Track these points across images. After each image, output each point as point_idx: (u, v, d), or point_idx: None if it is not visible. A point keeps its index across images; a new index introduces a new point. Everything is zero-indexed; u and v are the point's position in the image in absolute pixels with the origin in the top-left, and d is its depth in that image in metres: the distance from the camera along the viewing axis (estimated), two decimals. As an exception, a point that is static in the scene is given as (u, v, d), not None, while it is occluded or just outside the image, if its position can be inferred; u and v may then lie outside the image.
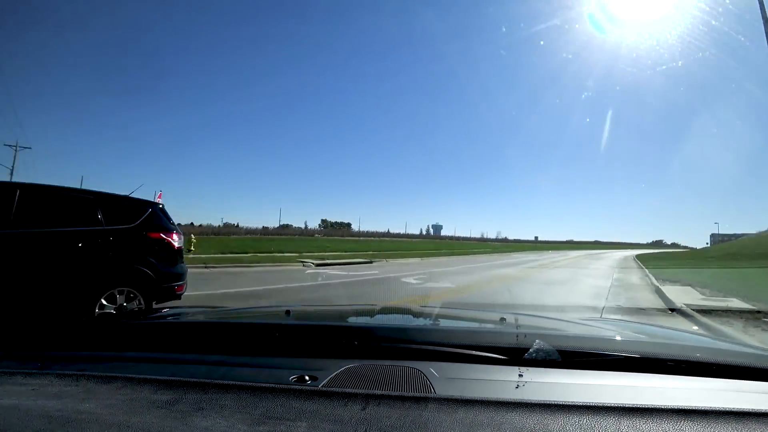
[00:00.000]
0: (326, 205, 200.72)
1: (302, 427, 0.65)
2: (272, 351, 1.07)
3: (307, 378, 0.85)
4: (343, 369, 0.90)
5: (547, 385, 0.86)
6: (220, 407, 0.71)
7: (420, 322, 1.71)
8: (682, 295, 9.28)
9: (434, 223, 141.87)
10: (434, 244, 57.67)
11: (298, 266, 17.51)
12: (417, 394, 0.77)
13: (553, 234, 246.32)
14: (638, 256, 38.57)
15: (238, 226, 47.67)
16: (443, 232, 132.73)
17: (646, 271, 18.38)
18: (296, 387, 0.80)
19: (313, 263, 18.26)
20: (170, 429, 0.65)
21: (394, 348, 1.05)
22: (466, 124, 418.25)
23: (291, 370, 0.90)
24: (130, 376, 0.85)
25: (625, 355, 0.98)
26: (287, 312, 1.57)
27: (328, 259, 20.85)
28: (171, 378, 0.84)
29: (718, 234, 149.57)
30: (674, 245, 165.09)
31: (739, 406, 0.74)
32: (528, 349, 0.96)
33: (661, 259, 29.92)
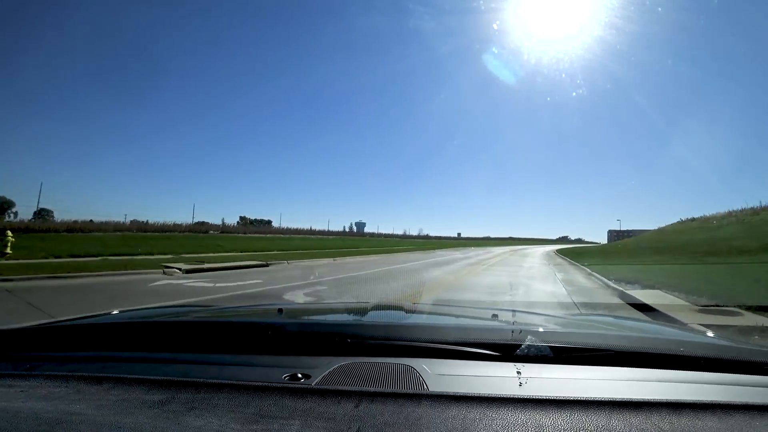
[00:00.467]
0: (248, 202, 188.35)
1: (295, 425, 0.65)
2: (265, 349, 1.06)
3: (300, 376, 0.85)
4: (336, 367, 0.90)
5: (539, 380, 0.86)
6: (213, 406, 0.72)
7: (412, 319, 1.67)
8: (661, 302, 7.66)
9: (357, 221, 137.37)
10: (355, 241, 53.76)
11: (158, 274, 12.59)
12: (410, 391, 0.78)
13: (472, 231, 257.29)
14: (560, 252, 38.32)
15: (147, 222, 40.73)
16: (366, 230, 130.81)
17: (587, 269, 16.14)
18: (289, 385, 0.81)
19: (181, 269, 13.29)
20: (162, 429, 0.65)
21: (387, 345, 1.04)
22: (392, 125, 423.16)
23: (284, 368, 0.90)
24: (121, 376, 0.85)
25: (615, 350, 1.00)
26: (280, 310, 1.59)
27: (212, 262, 15.86)
28: (163, 378, 0.84)
29: (614, 230, 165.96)
30: (579, 240, 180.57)
31: (727, 399, 0.78)
32: (520, 345, 0.97)
33: (584, 254, 29.21)
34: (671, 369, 0.95)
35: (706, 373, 0.94)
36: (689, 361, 0.97)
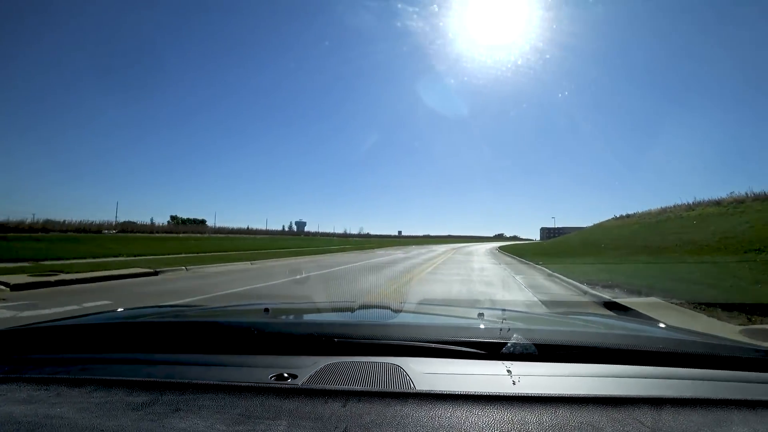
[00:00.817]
0: (182, 201, 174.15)
1: (282, 425, 0.65)
2: (251, 349, 1.04)
3: (286, 376, 0.84)
4: (323, 366, 0.89)
5: (525, 378, 0.86)
6: (198, 408, 0.71)
7: (399, 318, 1.66)
8: (664, 314, 6.07)
9: (297, 220, 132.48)
10: (290, 240, 49.41)
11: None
12: (397, 390, 0.78)
13: (413, 229, 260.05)
14: (503, 250, 37.37)
15: (65, 222, 35.62)
16: (307, 229, 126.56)
17: (545, 269, 14.12)
18: (276, 385, 0.80)
19: (9, 284, 9.26)
20: (146, 431, 0.64)
21: (374, 344, 1.03)
22: (336, 126, 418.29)
23: (270, 368, 0.89)
24: (104, 378, 0.84)
25: (599, 347, 1.02)
26: (266, 310, 1.56)
27: (80, 270, 11.68)
28: (146, 379, 0.83)
29: (546, 228, 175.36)
30: (515, 237, 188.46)
31: (706, 395, 0.79)
32: (506, 343, 0.98)
33: (530, 252, 28.05)
34: (652, 365, 0.96)
35: (684, 369, 0.96)
36: (668, 357, 1.00)
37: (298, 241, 52.30)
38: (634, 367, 0.95)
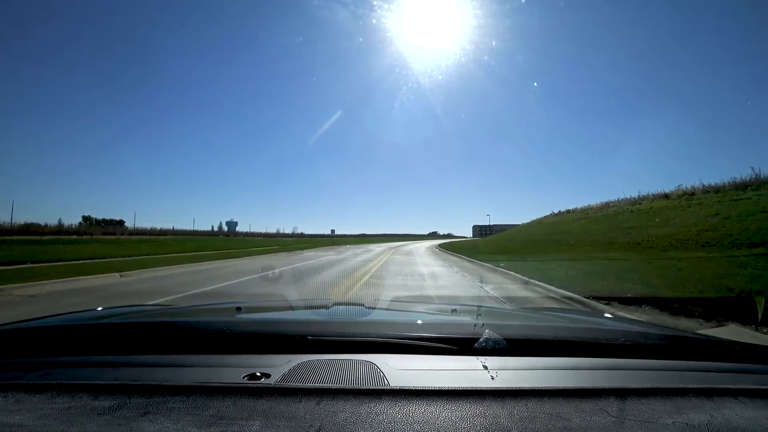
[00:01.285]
0: (101, 200, 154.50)
1: (255, 425, 0.64)
2: (223, 349, 1.02)
3: (259, 375, 0.83)
4: (297, 364, 0.88)
5: (496, 372, 0.87)
6: (168, 410, 0.68)
7: (373, 315, 1.61)
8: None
9: (229, 220, 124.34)
10: (202, 242, 42.88)
11: None
12: (371, 387, 0.78)
13: (347, 228, 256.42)
14: (443, 248, 34.65)
15: None
16: (239, 229, 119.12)
17: (516, 274, 10.94)
18: (249, 385, 0.78)
19: None
20: None
21: (348, 341, 1.02)
22: (268, 124, 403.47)
23: (243, 367, 0.87)
24: (66, 382, 0.80)
25: (564, 340, 1.07)
26: (238, 308, 1.54)
27: None
28: (112, 382, 0.79)
29: (479, 225, 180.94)
30: (449, 235, 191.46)
31: (667, 384, 0.82)
32: (478, 338, 0.99)
33: (475, 251, 25.66)
34: (617, 357, 1.00)
35: (646, 360, 1.01)
36: (631, 349, 1.05)
37: (219, 242, 45.58)
38: (601, 359, 1.00)
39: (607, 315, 2.22)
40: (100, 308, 1.77)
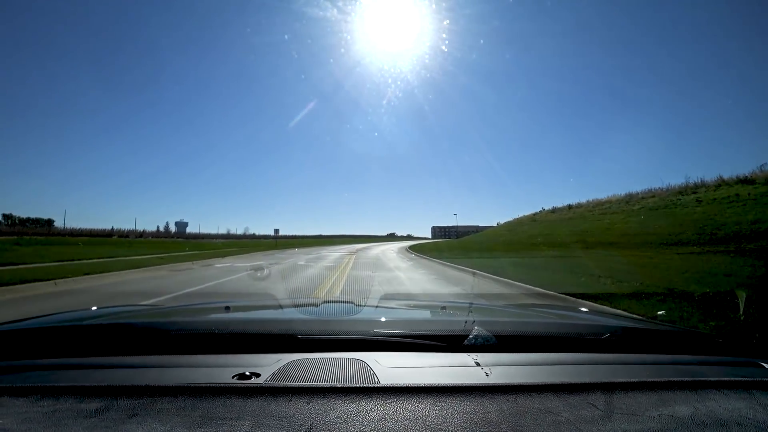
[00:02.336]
0: (27, 196, 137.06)
1: (245, 425, 0.63)
2: (212, 348, 1.00)
3: (248, 374, 0.82)
4: (286, 363, 0.87)
5: (486, 368, 0.88)
6: (157, 411, 0.67)
7: (362, 314, 1.61)
8: None
9: (178, 220, 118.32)
10: (126, 244, 35.82)
11: None
12: (361, 385, 0.77)
13: (304, 230, 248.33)
14: (413, 249, 30.37)
15: None
16: (189, 229, 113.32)
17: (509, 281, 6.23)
18: (238, 384, 0.78)
19: None
20: None
21: (338, 339, 1.02)
22: (217, 119, 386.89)
23: (232, 367, 0.86)
24: (51, 385, 0.78)
25: (552, 336, 1.10)
26: (227, 308, 1.53)
27: None
28: (98, 384, 0.77)
29: (438, 226, 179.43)
30: (409, 237, 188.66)
31: (651, 378, 0.83)
32: (467, 335, 0.99)
33: (453, 253, 22.21)
34: (603, 352, 1.02)
35: (633, 354, 1.02)
36: (617, 343, 1.05)
37: (160, 244, 38.15)
38: (589, 354, 1.00)
39: (583, 309, 2.26)
40: (94, 308, 1.76)
